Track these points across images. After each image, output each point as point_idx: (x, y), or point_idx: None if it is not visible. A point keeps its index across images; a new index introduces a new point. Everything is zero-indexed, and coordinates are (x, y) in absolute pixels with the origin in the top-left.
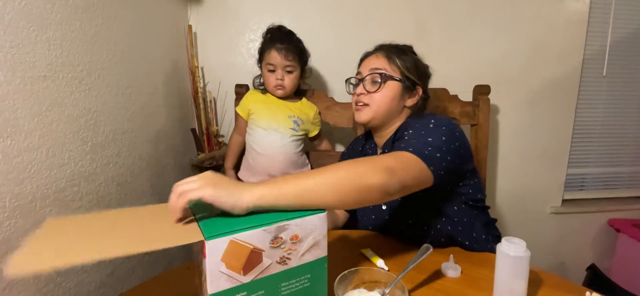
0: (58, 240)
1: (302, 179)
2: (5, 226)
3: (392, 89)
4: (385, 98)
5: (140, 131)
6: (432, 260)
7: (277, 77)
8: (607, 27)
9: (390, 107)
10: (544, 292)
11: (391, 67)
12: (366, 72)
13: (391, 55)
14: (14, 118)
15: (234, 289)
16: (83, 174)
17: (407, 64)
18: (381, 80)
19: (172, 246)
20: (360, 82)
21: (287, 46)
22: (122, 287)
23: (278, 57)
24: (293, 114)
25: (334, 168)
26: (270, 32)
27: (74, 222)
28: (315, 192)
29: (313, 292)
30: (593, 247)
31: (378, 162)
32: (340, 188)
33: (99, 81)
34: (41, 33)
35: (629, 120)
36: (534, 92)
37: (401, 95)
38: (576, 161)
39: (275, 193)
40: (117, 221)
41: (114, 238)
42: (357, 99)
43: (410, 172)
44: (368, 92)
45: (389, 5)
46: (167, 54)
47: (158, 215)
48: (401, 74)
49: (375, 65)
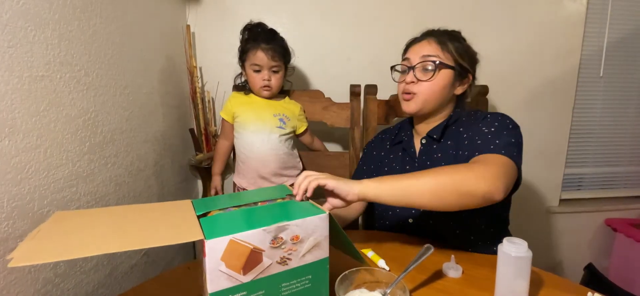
0: (63, 233)
1: (406, 178)
2: (3, 226)
3: (444, 77)
4: (437, 87)
5: (138, 131)
6: (433, 260)
7: (263, 78)
8: (604, 28)
9: (442, 95)
10: (545, 292)
11: (444, 54)
12: (417, 59)
13: (444, 41)
14: (11, 118)
15: (234, 288)
16: (81, 174)
17: (459, 50)
18: (435, 67)
19: (171, 244)
20: (410, 70)
21: (273, 46)
22: (121, 288)
23: (265, 58)
24: (278, 113)
25: (436, 172)
26: (252, 31)
27: (81, 216)
28: (416, 191)
29: (314, 293)
30: (590, 247)
31: (481, 170)
32: (441, 192)
33: (97, 81)
34: (39, 33)
35: (626, 120)
36: (532, 93)
37: (452, 83)
38: (574, 161)
39: (381, 187)
40: (123, 216)
41: (118, 233)
42: (405, 88)
43: (509, 176)
44: (419, 80)
45: (387, 6)
46: (166, 54)
47: (165, 213)
48: (454, 61)
49: (427, 52)
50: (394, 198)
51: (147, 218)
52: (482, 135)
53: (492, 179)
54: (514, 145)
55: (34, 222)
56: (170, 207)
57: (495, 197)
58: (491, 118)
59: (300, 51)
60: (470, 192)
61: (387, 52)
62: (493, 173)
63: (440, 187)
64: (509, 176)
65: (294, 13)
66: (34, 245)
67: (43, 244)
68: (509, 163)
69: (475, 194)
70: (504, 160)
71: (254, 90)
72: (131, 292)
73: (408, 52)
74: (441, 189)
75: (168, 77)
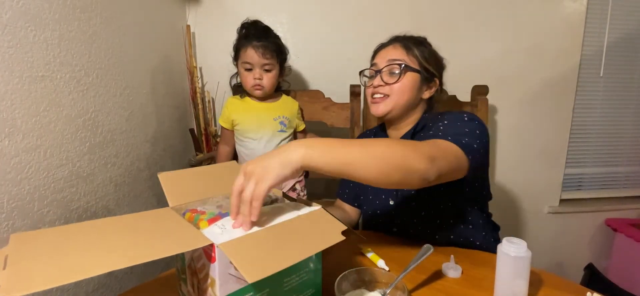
0: (52, 254)
1: (349, 148)
2: (3, 227)
3: (411, 80)
4: (405, 89)
5: (138, 131)
6: (433, 260)
7: (254, 77)
8: (604, 28)
9: (410, 98)
10: (544, 292)
11: (409, 58)
12: (383, 63)
13: (409, 45)
14: (11, 119)
15: (242, 290)
16: (81, 175)
17: (424, 54)
18: (400, 71)
19: (181, 252)
20: (377, 74)
21: (265, 43)
22: (121, 288)
23: (255, 56)
24: (278, 116)
25: (378, 143)
26: (245, 28)
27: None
28: (360, 164)
29: (310, 284)
30: (590, 247)
31: (420, 148)
32: (385, 165)
33: (97, 81)
34: (39, 33)
35: (626, 120)
36: (532, 93)
37: (419, 87)
38: (574, 161)
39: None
40: (110, 231)
41: (118, 248)
42: (373, 91)
43: (449, 161)
44: (386, 83)
45: (387, 6)
46: (166, 54)
47: (152, 222)
48: (419, 64)
49: (393, 56)
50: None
51: (138, 230)
52: (437, 129)
53: (428, 159)
54: (464, 135)
55: (34, 222)
56: (152, 216)
57: (429, 177)
58: (450, 114)
59: (300, 51)
60: (410, 169)
61: None
62: (430, 154)
63: (385, 160)
64: (447, 161)
65: (294, 13)
66: (22, 271)
67: (33, 268)
68: (452, 148)
69: (413, 171)
70: (447, 145)
71: (246, 89)
72: (131, 292)
73: (376, 57)
74: (386, 163)
75: (168, 77)
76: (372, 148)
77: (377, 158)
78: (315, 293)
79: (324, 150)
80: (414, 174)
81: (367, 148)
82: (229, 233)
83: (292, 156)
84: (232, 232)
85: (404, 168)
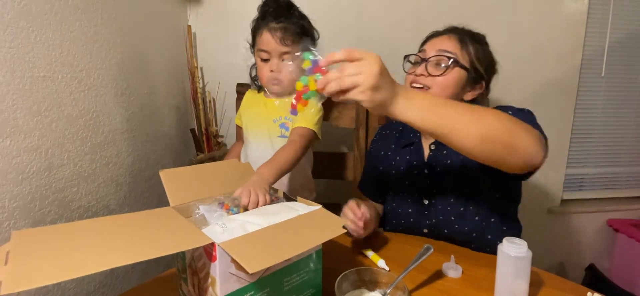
0: (53, 251)
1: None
2: (4, 226)
3: (457, 76)
4: (449, 84)
5: (139, 131)
6: (433, 260)
7: (271, 68)
8: (606, 28)
9: (451, 95)
10: (545, 292)
11: (462, 53)
12: (432, 52)
13: (465, 40)
14: (13, 119)
15: (243, 289)
16: (82, 174)
17: (478, 53)
18: (448, 64)
19: (183, 250)
20: (424, 62)
21: (285, 25)
22: (122, 287)
23: (271, 41)
24: (277, 117)
25: (485, 112)
26: (263, 6)
27: (58, 231)
28: (460, 129)
29: (311, 284)
30: (592, 247)
31: (530, 128)
32: (489, 138)
33: (98, 81)
34: (40, 33)
35: (628, 121)
36: (533, 93)
37: (463, 86)
38: (575, 161)
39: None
40: (110, 229)
41: (119, 246)
42: (413, 80)
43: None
44: (430, 74)
45: (388, 6)
46: (167, 54)
47: (152, 221)
48: (470, 62)
49: (445, 47)
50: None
51: (140, 228)
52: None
53: (540, 142)
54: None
55: (35, 221)
56: (153, 215)
57: (537, 163)
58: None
59: None
60: (516, 147)
61: (389, 52)
62: (540, 138)
63: (490, 132)
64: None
65: None
66: (23, 267)
67: (34, 264)
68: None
69: (518, 151)
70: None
71: (262, 83)
72: (132, 292)
73: (426, 45)
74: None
75: (169, 77)
76: (477, 115)
77: (482, 128)
78: (316, 293)
79: (422, 104)
80: (519, 155)
81: (472, 115)
82: (229, 233)
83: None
84: (233, 231)
85: (509, 146)
